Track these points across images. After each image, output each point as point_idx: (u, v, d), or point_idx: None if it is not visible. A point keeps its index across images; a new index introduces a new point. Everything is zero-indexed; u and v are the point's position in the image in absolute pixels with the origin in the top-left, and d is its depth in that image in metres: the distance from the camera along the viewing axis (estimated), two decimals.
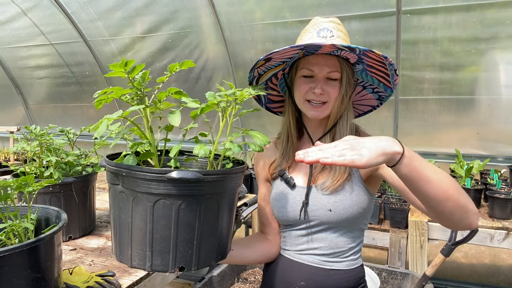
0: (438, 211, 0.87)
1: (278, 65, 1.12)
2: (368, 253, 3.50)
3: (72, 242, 1.55)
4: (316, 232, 1.11)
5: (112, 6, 3.86)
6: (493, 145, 3.33)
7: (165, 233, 0.81)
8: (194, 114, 0.90)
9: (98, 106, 0.85)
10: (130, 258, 0.84)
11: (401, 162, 0.78)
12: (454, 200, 0.84)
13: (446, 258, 1.85)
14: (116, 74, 0.82)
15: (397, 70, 1.05)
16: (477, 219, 0.90)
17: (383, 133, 3.60)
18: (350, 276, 1.10)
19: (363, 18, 3.13)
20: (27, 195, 1.03)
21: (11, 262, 0.88)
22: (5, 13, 4.41)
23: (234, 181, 0.89)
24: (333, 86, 1.06)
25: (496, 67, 3.07)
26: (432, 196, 0.83)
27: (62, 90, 4.97)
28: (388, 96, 1.16)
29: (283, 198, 1.14)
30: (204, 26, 3.71)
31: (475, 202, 2.68)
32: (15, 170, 1.57)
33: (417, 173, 0.81)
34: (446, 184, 0.84)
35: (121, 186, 0.82)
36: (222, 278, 2.33)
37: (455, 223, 0.90)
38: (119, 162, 0.84)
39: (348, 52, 1.02)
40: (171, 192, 0.79)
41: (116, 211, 0.86)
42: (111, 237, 0.91)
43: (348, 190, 1.07)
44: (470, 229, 0.91)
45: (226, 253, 0.94)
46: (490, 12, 2.84)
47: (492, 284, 3.41)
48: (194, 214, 0.82)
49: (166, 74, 0.90)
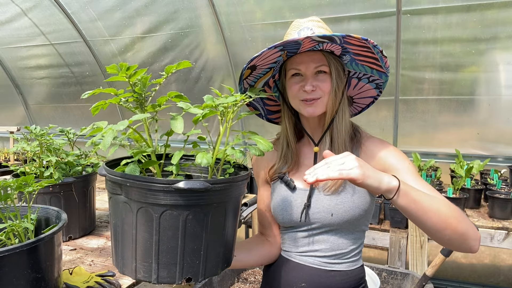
0: (437, 238, 0.92)
1: (266, 73, 1.12)
2: (368, 253, 3.50)
3: (72, 242, 1.55)
4: (317, 234, 1.11)
5: (112, 6, 3.86)
6: (493, 145, 3.33)
7: (171, 244, 0.79)
8: (196, 119, 0.88)
9: (95, 112, 0.82)
10: (134, 271, 0.82)
11: (398, 194, 0.85)
12: (453, 229, 0.88)
13: (446, 258, 1.85)
14: (117, 79, 0.81)
15: (383, 51, 1.03)
16: (477, 244, 0.93)
17: (383, 133, 3.61)
18: (351, 276, 1.10)
19: (363, 18, 3.13)
20: (27, 195, 1.03)
21: (11, 262, 0.88)
22: (5, 13, 4.41)
23: (240, 188, 0.88)
24: (323, 80, 1.06)
25: (496, 67, 3.07)
26: (430, 225, 0.88)
27: (62, 90, 4.97)
28: (385, 82, 1.15)
29: (284, 201, 1.13)
30: (204, 26, 3.71)
31: (475, 202, 2.69)
32: (15, 170, 1.57)
33: (415, 205, 0.86)
34: (445, 213, 0.88)
35: (124, 197, 0.79)
36: (222, 278, 2.33)
37: (455, 247, 0.95)
38: (122, 172, 0.81)
39: (330, 43, 1.02)
40: (178, 202, 0.77)
41: (118, 222, 0.83)
42: (112, 248, 0.88)
43: (349, 191, 1.07)
44: (471, 252, 0.95)
45: (231, 260, 0.93)
46: (490, 12, 2.84)
47: (492, 284, 3.41)
48: (201, 224, 0.80)
49: (165, 75, 0.89)
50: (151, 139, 0.88)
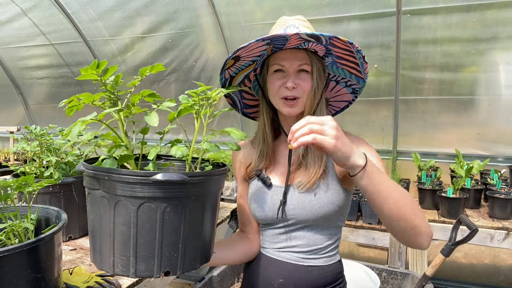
0: (391, 227, 0.93)
1: (248, 65, 1.12)
2: (368, 253, 3.50)
3: (72, 242, 1.55)
4: (294, 230, 1.12)
5: (112, 6, 3.86)
6: (493, 145, 3.33)
7: (149, 237, 0.79)
8: (171, 117, 0.88)
9: (70, 113, 0.82)
10: (112, 265, 0.81)
11: (361, 174, 0.86)
12: (407, 220, 0.90)
13: (446, 258, 1.84)
14: (88, 77, 0.80)
15: (365, 56, 1.04)
16: (428, 240, 0.94)
17: (383, 133, 3.61)
18: (328, 272, 1.12)
19: (363, 18, 3.13)
20: (27, 195, 1.03)
21: (11, 262, 0.88)
22: (5, 13, 4.42)
23: (217, 182, 0.89)
24: (304, 79, 1.07)
25: (496, 67, 3.07)
26: (387, 213, 0.89)
27: (62, 90, 4.96)
28: (362, 87, 1.16)
29: (260, 198, 1.14)
30: (204, 26, 3.71)
31: (475, 202, 2.68)
32: (15, 170, 1.57)
33: (374, 188, 0.87)
34: (403, 203, 0.89)
35: (102, 191, 0.79)
36: (222, 278, 2.33)
37: (406, 240, 0.95)
38: (99, 166, 0.81)
39: (315, 43, 1.03)
40: (156, 195, 0.77)
41: (96, 217, 0.83)
42: (90, 245, 0.88)
43: (323, 188, 1.08)
44: (420, 249, 0.96)
45: (210, 256, 0.93)
46: (490, 12, 2.85)
47: (492, 284, 3.41)
48: (180, 217, 0.80)
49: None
50: (127, 137, 0.88)
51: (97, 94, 0.82)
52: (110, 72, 0.81)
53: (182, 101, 0.89)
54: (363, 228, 2.67)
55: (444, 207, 2.52)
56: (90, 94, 0.81)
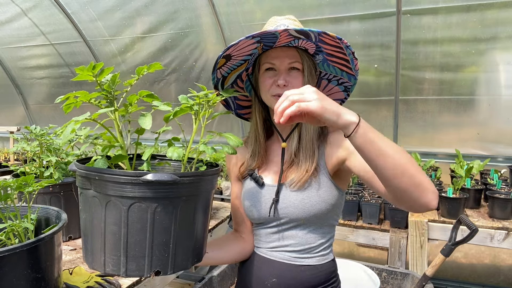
0: (394, 187, 0.86)
1: (240, 65, 1.13)
2: (368, 253, 3.50)
3: (72, 242, 1.55)
4: (286, 229, 1.12)
5: (112, 6, 3.86)
6: (493, 145, 3.33)
7: (140, 237, 0.79)
8: (167, 117, 0.88)
9: (67, 110, 0.82)
10: (103, 264, 0.82)
11: (356, 131, 0.81)
12: (410, 176, 0.83)
13: (446, 258, 1.84)
14: (83, 78, 0.80)
15: (354, 52, 1.03)
16: (435, 199, 0.86)
17: (383, 133, 3.59)
18: (321, 271, 1.12)
19: (363, 18, 3.13)
20: (27, 195, 1.03)
21: (11, 262, 0.88)
22: (5, 13, 4.42)
23: (210, 183, 0.89)
24: (295, 77, 1.07)
25: (496, 67, 3.07)
26: (387, 169, 0.83)
27: (62, 90, 4.96)
28: (353, 85, 1.15)
29: (253, 197, 1.15)
30: (204, 26, 3.71)
31: (475, 202, 2.68)
32: (15, 170, 1.57)
33: (371, 145, 0.82)
34: (403, 159, 0.83)
35: (93, 191, 0.80)
36: (222, 278, 2.33)
37: (412, 201, 0.87)
38: (90, 166, 0.82)
39: (305, 41, 1.03)
40: (146, 195, 0.77)
41: (87, 216, 0.84)
42: (82, 244, 0.88)
43: (315, 186, 1.08)
44: (428, 209, 0.87)
45: (202, 256, 0.94)
46: (490, 12, 2.85)
47: (492, 284, 3.41)
48: (170, 217, 0.80)
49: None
50: (122, 137, 0.88)
51: (94, 93, 0.83)
52: (106, 73, 0.81)
53: (181, 102, 0.89)
54: (363, 228, 2.67)
55: (444, 207, 2.52)
56: (87, 92, 0.81)
